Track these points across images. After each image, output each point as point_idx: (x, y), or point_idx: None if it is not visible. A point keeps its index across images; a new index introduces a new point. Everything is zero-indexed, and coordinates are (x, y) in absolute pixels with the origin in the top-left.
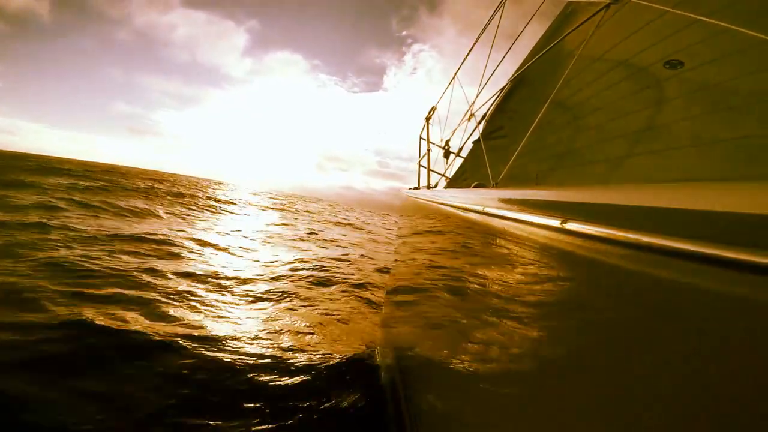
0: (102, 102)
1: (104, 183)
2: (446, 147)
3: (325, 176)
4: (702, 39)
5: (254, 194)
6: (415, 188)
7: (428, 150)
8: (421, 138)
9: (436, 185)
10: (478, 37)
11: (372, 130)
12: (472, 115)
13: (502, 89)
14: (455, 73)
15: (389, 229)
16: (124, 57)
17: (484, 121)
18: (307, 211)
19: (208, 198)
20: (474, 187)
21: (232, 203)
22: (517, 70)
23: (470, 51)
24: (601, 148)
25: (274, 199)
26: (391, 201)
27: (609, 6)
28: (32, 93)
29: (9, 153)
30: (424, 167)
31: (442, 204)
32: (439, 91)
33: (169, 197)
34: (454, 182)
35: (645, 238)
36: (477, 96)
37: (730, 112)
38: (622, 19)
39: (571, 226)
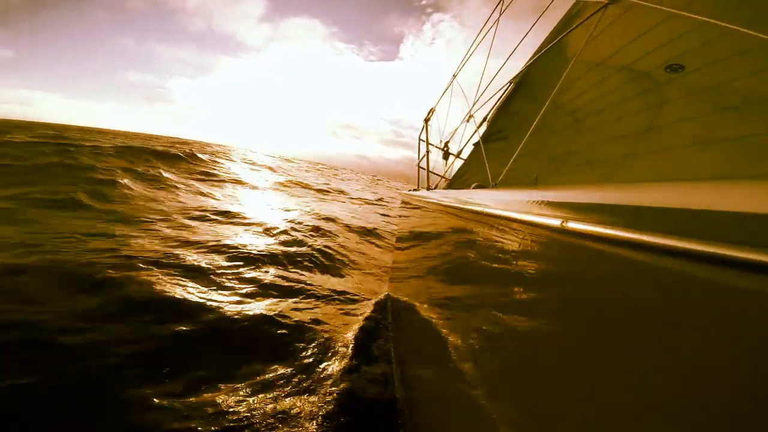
0: (116, 71)
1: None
2: (445, 148)
3: (340, 144)
4: (702, 43)
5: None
6: (415, 189)
7: (427, 151)
8: (420, 139)
9: (435, 186)
10: (479, 37)
11: (387, 99)
12: (471, 116)
13: (503, 91)
14: (455, 75)
15: None
16: (137, 25)
17: (484, 122)
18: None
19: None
20: (474, 188)
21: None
22: (518, 72)
23: (470, 52)
24: (603, 149)
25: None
26: (405, 171)
27: (607, 6)
28: (47, 63)
29: (14, 122)
30: (424, 169)
31: (441, 205)
32: (458, 63)
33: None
34: (453, 183)
35: (645, 238)
36: (477, 98)
37: (730, 112)
38: (624, 24)
39: (572, 226)
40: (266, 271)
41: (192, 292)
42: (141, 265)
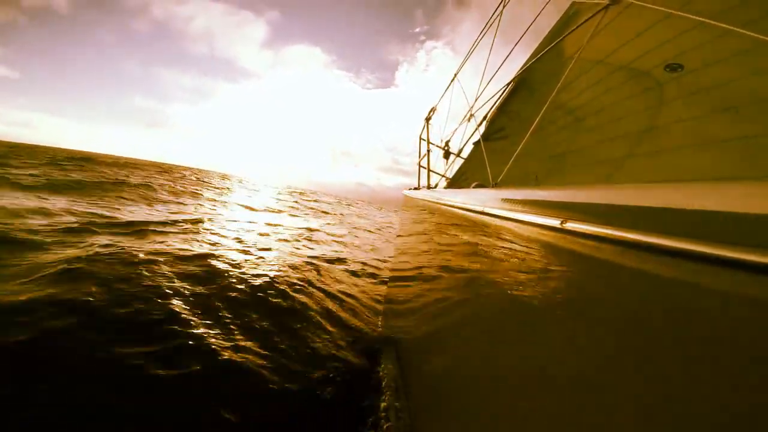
0: (120, 95)
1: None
2: (446, 147)
3: (340, 171)
4: (701, 43)
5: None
6: (415, 188)
7: (428, 150)
8: (420, 138)
9: (436, 185)
10: (479, 38)
11: (384, 126)
12: (472, 115)
13: (503, 90)
14: (455, 74)
15: None
16: (141, 49)
17: (484, 122)
18: None
19: None
20: (474, 187)
21: None
22: (518, 72)
23: (470, 52)
24: (603, 149)
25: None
26: (401, 197)
27: (608, 7)
28: (52, 86)
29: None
30: (424, 168)
31: (441, 204)
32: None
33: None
34: (454, 183)
35: (645, 238)
36: (477, 97)
37: (729, 113)
38: (623, 23)
39: (571, 226)
40: None
41: None
42: None
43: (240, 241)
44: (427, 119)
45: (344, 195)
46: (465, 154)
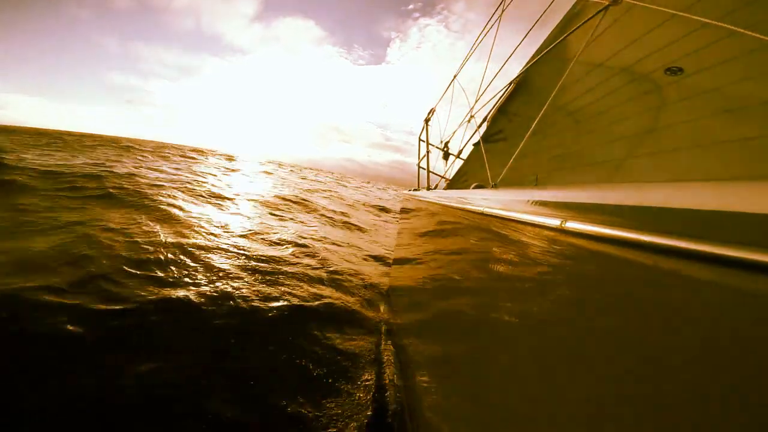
0: (100, 73)
1: None
2: (446, 149)
3: (328, 147)
4: (701, 46)
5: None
6: (415, 190)
7: (428, 152)
8: (420, 140)
9: (436, 186)
10: (479, 38)
11: (376, 102)
12: (472, 117)
13: (503, 92)
14: (455, 75)
15: None
16: (121, 25)
17: (484, 123)
18: None
19: None
20: (473, 188)
21: None
22: (519, 73)
23: (471, 52)
24: (603, 151)
25: None
26: (395, 174)
27: (608, 7)
28: (27, 65)
29: None
30: (424, 169)
31: (442, 205)
32: (444, 67)
33: None
34: (453, 184)
35: (645, 238)
36: (477, 98)
37: (729, 114)
38: (623, 26)
39: (571, 226)
40: None
41: None
42: None
43: None
44: (426, 120)
45: (338, 172)
46: (465, 155)
